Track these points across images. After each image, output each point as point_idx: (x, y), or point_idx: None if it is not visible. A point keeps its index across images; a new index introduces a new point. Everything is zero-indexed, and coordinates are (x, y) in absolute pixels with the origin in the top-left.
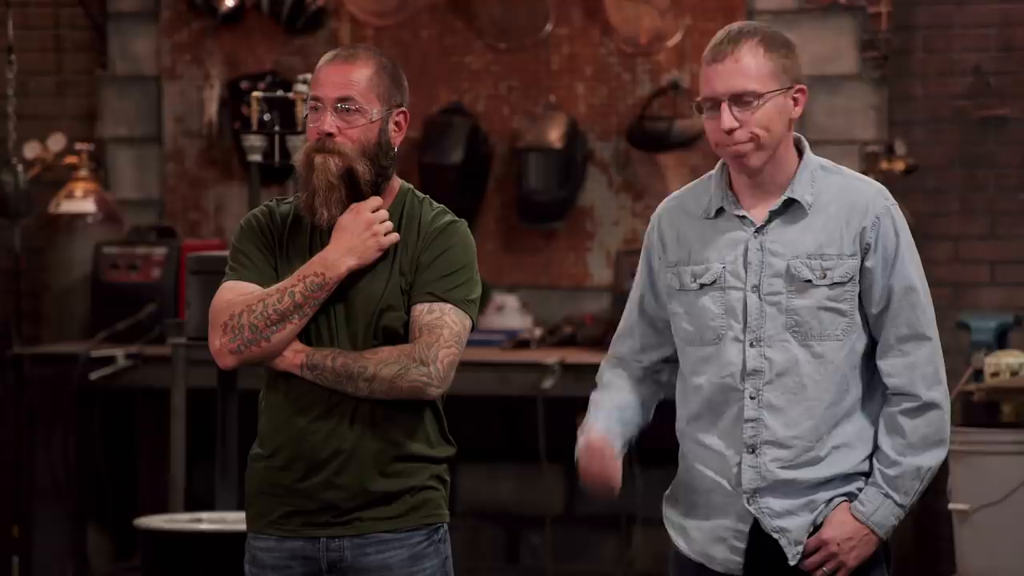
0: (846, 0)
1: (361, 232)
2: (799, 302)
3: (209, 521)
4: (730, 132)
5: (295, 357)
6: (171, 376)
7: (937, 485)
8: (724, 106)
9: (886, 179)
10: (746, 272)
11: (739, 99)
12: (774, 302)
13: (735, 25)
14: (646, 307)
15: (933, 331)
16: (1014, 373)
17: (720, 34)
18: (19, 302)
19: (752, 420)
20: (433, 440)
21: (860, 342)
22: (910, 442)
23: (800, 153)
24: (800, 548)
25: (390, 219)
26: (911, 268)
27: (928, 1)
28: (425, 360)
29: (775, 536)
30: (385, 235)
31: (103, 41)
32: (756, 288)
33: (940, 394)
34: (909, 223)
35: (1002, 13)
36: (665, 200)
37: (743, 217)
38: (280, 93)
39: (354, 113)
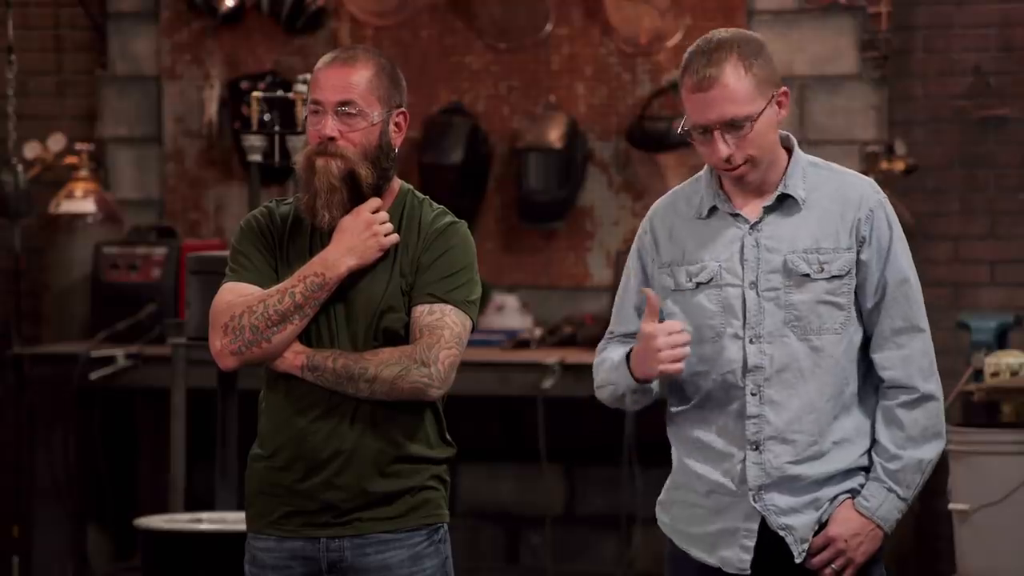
0: (846, 0)
1: (361, 232)
2: (797, 296)
3: (209, 521)
4: (727, 159)
5: (296, 358)
6: (171, 376)
7: (937, 485)
8: (717, 135)
9: (886, 179)
10: (743, 269)
11: (731, 126)
12: (772, 297)
13: (706, 42)
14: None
15: (926, 323)
16: (1014, 373)
17: (696, 57)
18: (19, 302)
19: (754, 416)
20: (433, 441)
21: (857, 335)
22: (910, 435)
23: (789, 151)
24: (805, 546)
25: (390, 220)
26: (903, 260)
27: (928, 1)
28: (426, 361)
29: (781, 533)
30: (385, 236)
31: (103, 41)
32: (754, 284)
33: (935, 386)
34: (909, 223)
35: (1002, 13)
36: (656, 202)
37: (736, 215)
38: (280, 93)
39: (355, 116)
